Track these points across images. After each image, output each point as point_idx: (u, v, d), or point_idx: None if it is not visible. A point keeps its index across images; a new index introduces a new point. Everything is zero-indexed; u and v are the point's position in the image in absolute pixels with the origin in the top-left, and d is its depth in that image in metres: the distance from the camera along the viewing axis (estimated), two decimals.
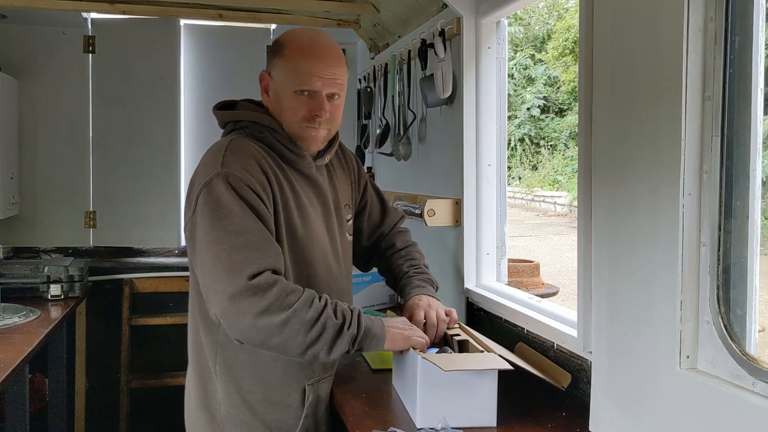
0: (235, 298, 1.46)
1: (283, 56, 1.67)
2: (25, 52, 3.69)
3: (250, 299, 1.46)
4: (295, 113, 1.67)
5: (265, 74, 1.72)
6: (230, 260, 1.48)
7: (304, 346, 1.50)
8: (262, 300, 1.46)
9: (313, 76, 1.65)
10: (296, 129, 1.69)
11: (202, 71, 3.93)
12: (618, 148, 1.46)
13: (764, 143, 1.31)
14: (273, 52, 1.70)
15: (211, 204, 1.53)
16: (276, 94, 1.69)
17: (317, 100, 1.67)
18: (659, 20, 1.32)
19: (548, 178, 20.20)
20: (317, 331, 1.50)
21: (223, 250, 1.49)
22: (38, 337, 2.49)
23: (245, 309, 1.46)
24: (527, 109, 21.21)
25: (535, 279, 4.19)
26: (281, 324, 1.47)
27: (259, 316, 1.46)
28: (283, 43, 1.69)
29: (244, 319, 1.46)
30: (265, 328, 1.47)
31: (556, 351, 1.90)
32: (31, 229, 3.74)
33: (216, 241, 1.50)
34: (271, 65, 1.71)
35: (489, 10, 2.32)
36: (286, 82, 1.66)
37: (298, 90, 1.65)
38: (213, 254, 1.50)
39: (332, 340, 1.52)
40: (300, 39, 1.69)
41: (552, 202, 18.33)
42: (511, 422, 1.65)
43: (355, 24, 3.51)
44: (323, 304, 1.53)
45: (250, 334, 1.48)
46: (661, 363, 1.33)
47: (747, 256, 1.25)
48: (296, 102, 1.66)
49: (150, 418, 3.67)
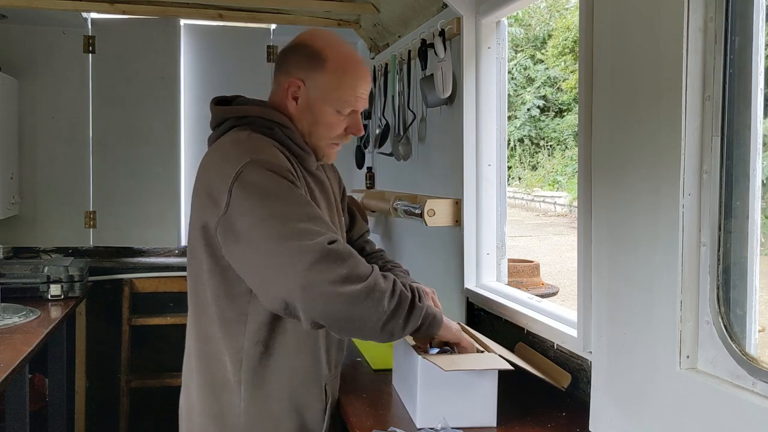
0: (315, 266, 1.37)
1: (325, 71, 1.60)
2: (25, 52, 3.69)
3: (332, 266, 1.38)
4: (331, 130, 1.64)
5: (297, 82, 1.62)
6: (300, 230, 1.40)
7: (384, 318, 1.42)
8: (343, 267, 1.39)
9: (358, 98, 1.63)
10: (323, 144, 1.66)
11: (202, 71, 3.93)
12: (618, 148, 1.46)
13: (764, 143, 1.31)
14: (309, 60, 1.61)
15: (254, 188, 1.45)
16: (310, 106, 1.62)
17: (355, 119, 1.65)
18: (659, 20, 1.32)
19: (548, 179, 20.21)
20: (395, 303, 1.44)
21: (288, 222, 1.40)
22: (38, 337, 2.49)
23: (327, 276, 1.37)
24: (527, 110, 21.22)
25: (535, 279, 4.19)
26: (364, 293, 1.39)
27: (342, 283, 1.38)
28: (324, 57, 1.61)
29: (329, 288, 1.37)
30: (349, 297, 1.38)
31: (556, 351, 1.90)
32: (31, 229, 3.74)
33: (275, 217, 1.42)
34: (307, 75, 1.61)
35: (489, 10, 2.32)
36: (327, 99, 1.61)
37: (341, 110, 1.63)
38: (275, 232, 1.40)
39: (407, 314, 1.46)
40: (342, 54, 1.63)
41: (552, 203, 18.34)
42: (511, 422, 1.65)
43: (355, 24, 3.51)
44: (393, 278, 1.47)
45: (333, 305, 1.39)
46: (661, 363, 1.33)
47: (747, 256, 1.25)
48: (335, 119, 1.63)
49: (150, 418, 3.67)
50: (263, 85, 4.08)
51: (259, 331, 1.56)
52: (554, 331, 1.88)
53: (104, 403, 3.63)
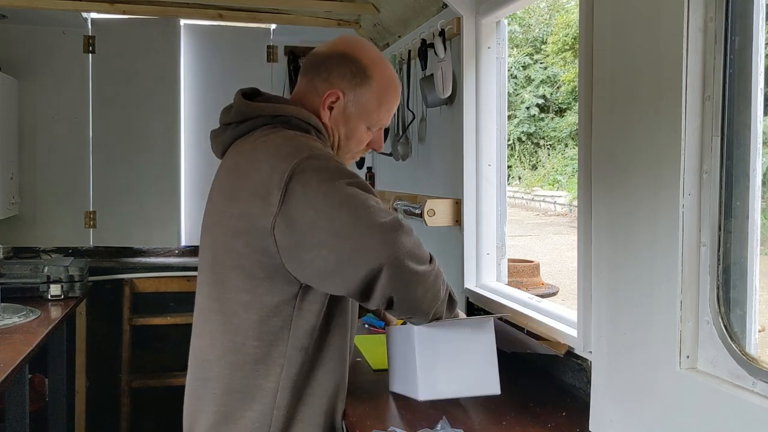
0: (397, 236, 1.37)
1: (370, 88, 1.59)
2: (25, 52, 3.69)
3: (409, 243, 1.39)
4: (360, 144, 1.65)
5: (338, 93, 1.59)
6: (375, 208, 1.39)
7: (438, 302, 1.51)
8: (417, 248, 1.41)
9: (392, 116, 1.67)
10: (345, 156, 1.66)
11: (202, 71, 3.93)
12: (618, 148, 1.46)
13: (764, 143, 1.31)
14: (354, 75, 1.59)
15: (316, 173, 1.41)
16: (345, 119, 1.61)
17: (379, 134, 1.68)
18: (659, 20, 1.32)
19: (548, 178, 20.20)
20: (445, 288, 1.53)
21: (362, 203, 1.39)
22: (38, 337, 2.49)
23: (409, 253, 1.38)
24: (526, 108, 21.22)
25: (535, 279, 4.19)
26: (433, 274, 1.45)
27: (417, 262, 1.40)
28: (370, 75, 1.60)
29: (411, 265, 1.39)
30: (422, 276, 1.42)
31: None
32: (31, 229, 3.75)
33: (348, 200, 1.39)
34: (350, 88, 1.59)
35: (489, 10, 2.32)
36: (365, 115, 1.61)
37: (373, 126, 1.64)
38: (353, 214, 1.38)
39: (450, 301, 1.56)
40: (387, 75, 1.63)
41: (552, 202, 18.33)
42: (511, 422, 1.65)
43: (356, 24, 3.51)
44: None
45: (411, 282, 1.40)
46: (661, 363, 1.33)
47: (747, 256, 1.25)
48: (365, 135, 1.65)
49: (150, 418, 3.67)
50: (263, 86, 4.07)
51: (305, 338, 1.52)
52: (554, 331, 1.88)
53: (104, 403, 3.63)
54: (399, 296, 1.41)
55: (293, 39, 3.94)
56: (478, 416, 1.67)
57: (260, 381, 1.53)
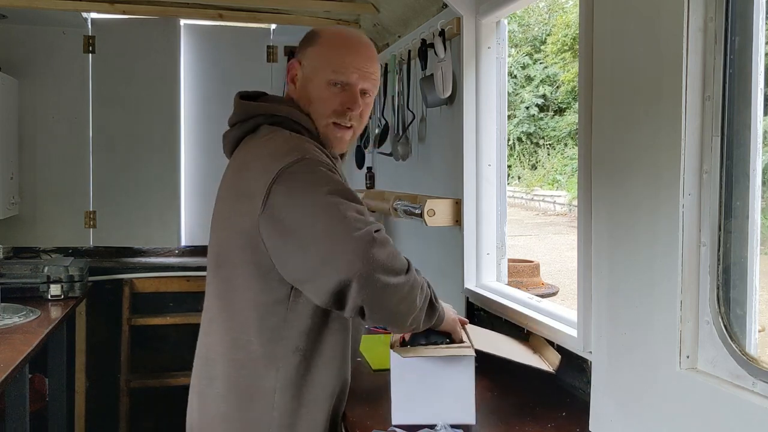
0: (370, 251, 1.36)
1: (318, 44, 1.61)
2: (25, 52, 3.70)
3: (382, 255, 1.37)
4: (325, 105, 1.58)
5: (295, 63, 1.63)
6: (352, 218, 1.38)
7: (415, 313, 1.48)
8: (390, 260, 1.38)
9: (350, 66, 1.57)
10: (323, 127, 1.60)
11: (202, 71, 3.93)
12: (618, 148, 1.46)
13: (764, 143, 1.31)
14: (306, 41, 1.64)
15: (301, 177, 1.42)
16: (305, 83, 1.60)
17: (351, 92, 1.58)
18: (659, 20, 1.32)
19: (548, 178, 20.20)
20: (423, 299, 1.49)
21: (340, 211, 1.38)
22: (38, 337, 2.49)
23: (379, 265, 1.37)
24: (526, 108, 21.21)
25: (535, 279, 4.19)
26: (408, 286, 1.42)
27: (389, 273, 1.38)
28: (319, 33, 1.64)
29: (382, 277, 1.37)
30: (395, 288, 1.39)
31: (556, 351, 1.90)
32: (31, 229, 3.75)
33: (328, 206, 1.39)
34: (303, 54, 1.62)
35: (489, 10, 2.32)
36: (318, 70, 1.58)
37: (332, 80, 1.57)
38: (329, 221, 1.38)
39: (429, 311, 1.53)
40: (337, 31, 1.69)
41: (551, 202, 18.32)
42: (511, 422, 1.65)
43: (355, 24, 3.51)
44: (420, 274, 1.49)
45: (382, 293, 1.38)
46: (661, 363, 1.33)
47: (747, 256, 1.25)
48: (328, 92, 1.58)
49: (150, 418, 3.67)
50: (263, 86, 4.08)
51: (299, 339, 1.53)
52: (554, 331, 1.88)
53: (104, 403, 3.63)
54: (370, 307, 1.40)
55: (293, 39, 3.93)
56: (479, 416, 1.67)
57: (260, 381, 1.54)
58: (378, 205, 3.08)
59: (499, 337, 2.00)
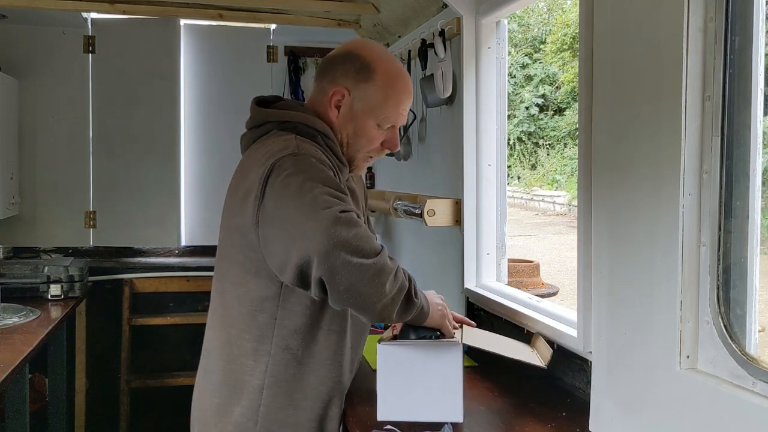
0: (332, 229, 1.36)
1: (374, 82, 1.60)
2: (25, 52, 3.69)
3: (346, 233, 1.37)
4: (371, 143, 1.64)
5: (343, 91, 1.61)
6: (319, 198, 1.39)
7: (384, 301, 1.42)
8: (356, 240, 1.37)
9: (400, 114, 1.64)
10: (359, 156, 1.66)
11: (202, 71, 3.93)
12: (618, 148, 1.46)
13: (764, 143, 1.31)
14: (358, 71, 1.61)
15: (287, 168, 1.45)
16: (352, 116, 1.62)
17: (393, 133, 1.66)
18: (659, 20, 1.32)
19: (547, 178, 20.20)
20: (396, 290, 1.44)
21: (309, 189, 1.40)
22: (38, 337, 2.49)
23: (342, 242, 1.36)
24: (526, 108, 21.22)
25: (535, 279, 4.19)
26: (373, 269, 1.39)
27: (353, 253, 1.37)
28: (374, 68, 1.61)
29: (343, 255, 1.36)
30: (359, 268, 1.38)
31: (556, 351, 1.90)
32: (31, 229, 3.75)
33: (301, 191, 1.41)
34: (354, 84, 1.61)
35: (489, 10, 2.32)
36: (371, 110, 1.61)
37: (383, 125, 1.63)
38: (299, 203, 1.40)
39: (404, 304, 1.47)
40: (391, 69, 1.63)
41: (551, 202, 18.33)
42: (511, 422, 1.65)
43: (355, 24, 3.51)
44: (398, 264, 1.46)
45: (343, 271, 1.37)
46: (661, 363, 1.33)
47: (747, 256, 1.25)
48: (375, 132, 1.63)
49: (150, 418, 3.67)
50: (263, 86, 4.09)
51: (290, 337, 1.55)
52: (554, 331, 1.88)
53: (104, 403, 3.62)
54: (330, 284, 1.39)
55: (293, 39, 3.94)
56: (479, 416, 1.67)
57: (248, 377, 1.58)
58: (378, 205, 3.08)
59: (496, 337, 2.00)
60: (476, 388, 1.88)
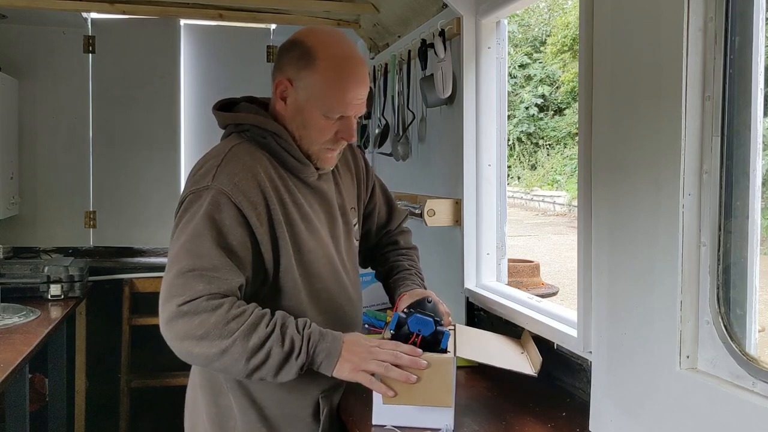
0: (170, 324, 1.44)
1: (316, 71, 1.50)
2: (25, 52, 3.70)
3: (184, 326, 1.43)
4: (321, 135, 1.56)
5: (285, 82, 1.54)
6: (172, 284, 1.45)
7: (247, 371, 1.44)
8: (198, 328, 1.41)
9: (349, 104, 1.52)
10: (315, 149, 1.58)
11: (202, 71, 3.93)
12: (618, 148, 1.46)
13: (764, 143, 1.31)
14: (300, 58, 1.52)
15: (188, 216, 1.49)
16: (298, 109, 1.55)
17: (347, 123, 1.56)
18: (659, 20, 1.32)
19: (547, 178, 20.21)
20: (260, 359, 1.42)
21: (171, 269, 1.47)
22: (38, 337, 2.49)
23: (180, 336, 1.45)
24: (525, 108, 21.23)
25: (535, 279, 4.19)
26: (219, 353, 1.41)
27: (196, 343, 1.42)
28: (315, 54, 1.51)
29: (181, 345, 1.45)
30: (201, 356, 1.44)
31: (556, 351, 1.90)
32: (31, 229, 3.75)
33: (173, 258, 1.49)
34: (296, 74, 1.53)
35: (489, 10, 2.32)
36: (315, 102, 1.52)
37: (331, 116, 1.54)
38: (168, 263, 1.50)
39: (278, 367, 1.44)
40: (335, 53, 1.52)
41: (551, 202, 18.34)
42: (511, 422, 1.65)
43: (355, 24, 3.51)
44: (269, 331, 1.43)
45: (190, 360, 1.49)
46: (661, 363, 1.33)
47: (747, 256, 1.25)
48: (324, 123, 1.54)
49: (150, 418, 3.67)
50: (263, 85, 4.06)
51: None
52: (554, 331, 1.88)
53: (104, 403, 3.63)
54: None
55: None
56: (479, 416, 1.67)
57: (220, 379, 1.62)
58: None
59: (488, 336, 1.99)
60: (475, 388, 1.88)
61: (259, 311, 1.46)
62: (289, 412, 1.63)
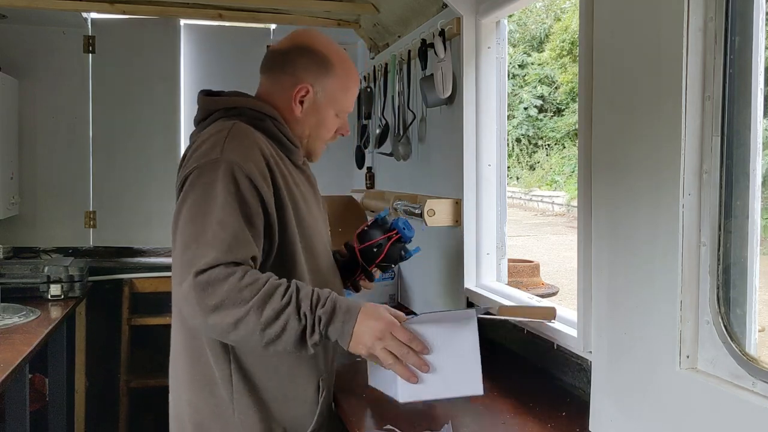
0: (186, 294, 1.40)
1: (336, 77, 1.67)
2: (25, 52, 3.69)
3: (199, 295, 1.38)
4: (329, 132, 1.72)
5: (307, 86, 1.65)
6: (185, 253, 1.42)
7: (263, 343, 1.42)
8: (212, 297, 1.38)
9: (352, 103, 1.74)
10: (318, 144, 1.73)
11: (202, 71, 3.93)
12: (618, 148, 1.46)
13: (764, 143, 1.31)
14: (319, 65, 1.66)
15: (199, 188, 1.46)
16: (316, 110, 1.68)
17: (345, 120, 1.75)
18: (659, 20, 1.32)
19: (546, 178, 20.22)
20: (275, 331, 1.40)
21: (185, 239, 1.43)
22: (38, 337, 2.49)
23: (195, 306, 1.39)
24: (524, 109, 21.23)
25: (535, 279, 4.19)
26: (233, 323, 1.39)
27: (209, 314, 1.39)
28: (332, 62, 1.68)
29: (196, 317, 1.41)
30: (216, 327, 1.41)
31: (556, 351, 1.91)
32: (31, 229, 3.75)
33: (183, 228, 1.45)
34: (315, 79, 1.66)
35: (489, 10, 2.32)
36: (332, 103, 1.69)
37: (341, 113, 1.71)
38: (178, 242, 1.45)
39: (295, 343, 1.43)
40: (343, 57, 1.71)
41: (550, 202, 18.35)
42: (511, 422, 1.65)
43: (355, 24, 3.51)
44: (285, 303, 1.41)
45: (205, 332, 1.49)
46: (661, 363, 1.33)
47: (747, 256, 1.26)
48: (333, 122, 1.72)
49: (150, 418, 3.67)
50: None
51: None
52: (554, 331, 1.88)
53: (104, 403, 3.63)
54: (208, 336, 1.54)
55: None
56: (479, 416, 1.68)
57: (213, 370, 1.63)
58: (378, 205, 3.08)
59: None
60: None
61: (275, 280, 1.44)
62: (290, 394, 1.62)
